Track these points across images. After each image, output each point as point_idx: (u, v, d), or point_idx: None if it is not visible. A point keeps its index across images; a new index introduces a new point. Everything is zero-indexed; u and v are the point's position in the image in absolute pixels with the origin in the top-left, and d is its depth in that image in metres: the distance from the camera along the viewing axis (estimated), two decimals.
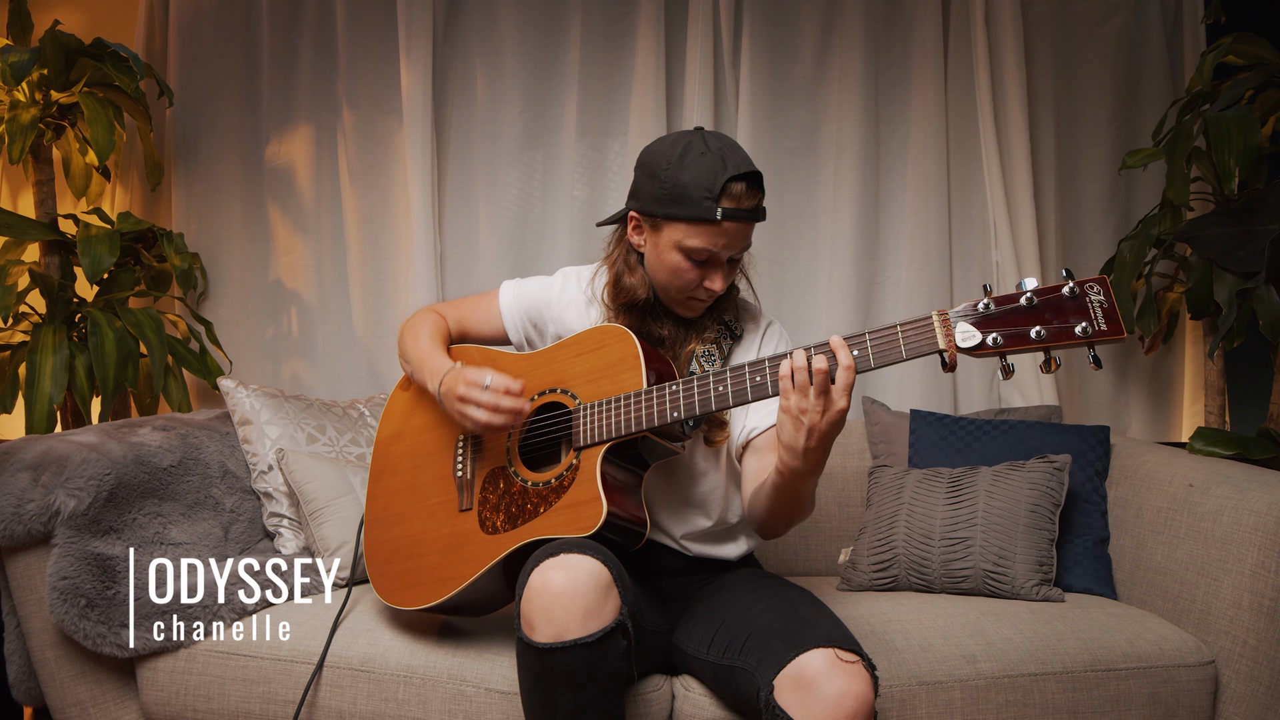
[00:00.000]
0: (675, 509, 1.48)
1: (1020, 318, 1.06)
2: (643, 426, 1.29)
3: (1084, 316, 1.04)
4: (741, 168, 1.33)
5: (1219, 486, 1.62)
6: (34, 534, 1.52)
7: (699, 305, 1.44)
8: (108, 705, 1.58)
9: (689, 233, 1.35)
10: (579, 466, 1.32)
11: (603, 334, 1.40)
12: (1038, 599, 1.71)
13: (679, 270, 1.39)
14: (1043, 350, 1.07)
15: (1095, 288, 1.04)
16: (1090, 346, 1.05)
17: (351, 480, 1.85)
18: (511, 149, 2.46)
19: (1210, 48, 2.15)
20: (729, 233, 1.34)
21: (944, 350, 1.09)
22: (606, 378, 1.36)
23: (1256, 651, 1.49)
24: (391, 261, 2.48)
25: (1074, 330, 1.04)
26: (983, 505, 1.79)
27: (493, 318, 1.61)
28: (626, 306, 1.47)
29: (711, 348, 1.46)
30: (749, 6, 2.42)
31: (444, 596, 1.38)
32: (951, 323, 1.09)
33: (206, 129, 2.50)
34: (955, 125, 2.45)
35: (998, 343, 1.07)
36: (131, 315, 2.15)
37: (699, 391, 1.26)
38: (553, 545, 1.20)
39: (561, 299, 1.56)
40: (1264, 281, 1.91)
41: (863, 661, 1.15)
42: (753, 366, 1.22)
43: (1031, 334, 1.05)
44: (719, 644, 1.31)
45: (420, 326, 1.57)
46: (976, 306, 1.09)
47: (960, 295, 2.46)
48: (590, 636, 1.12)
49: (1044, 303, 1.06)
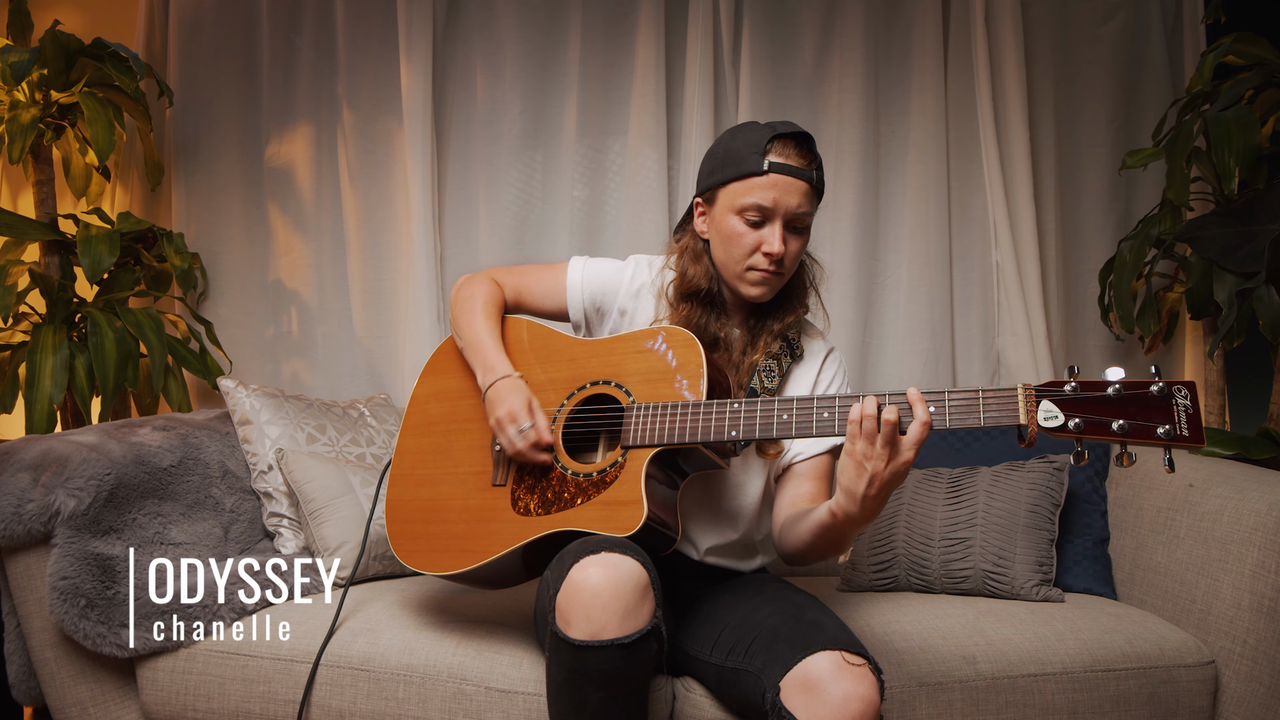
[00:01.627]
0: (705, 519, 1.46)
1: (1104, 407, 1.07)
2: (697, 439, 1.27)
3: (1168, 419, 1.04)
4: (790, 128, 1.38)
5: (1219, 486, 1.62)
6: (34, 534, 1.52)
7: (761, 278, 1.40)
8: (108, 705, 1.58)
9: (739, 191, 1.37)
10: (624, 465, 1.30)
11: (669, 335, 1.38)
12: (1037, 599, 1.71)
13: (735, 236, 1.38)
14: (1120, 443, 1.07)
15: (1183, 391, 1.04)
16: (1167, 449, 1.05)
17: (351, 480, 1.85)
18: (511, 149, 2.46)
19: (1210, 48, 2.15)
20: (779, 186, 1.34)
21: (1025, 425, 1.09)
22: (665, 381, 1.34)
23: (1256, 651, 1.49)
24: (391, 261, 2.48)
25: (1156, 431, 1.04)
26: (982, 505, 1.79)
27: (555, 293, 1.56)
28: (688, 295, 1.45)
29: (772, 363, 1.44)
30: (749, 6, 2.43)
31: (463, 568, 1.36)
32: (1036, 399, 1.09)
33: (206, 129, 2.50)
34: (955, 125, 2.45)
35: (1079, 428, 1.07)
36: (131, 315, 2.15)
37: (762, 415, 1.24)
38: (592, 541, 1.19)
39: (630, 288, 1.53)
40: (1264, 281, 1.91)
41: (869, 664, 1.14)
42: (822, 402, 1.21)
43: (1114, 426, 1.06)
44: (723, 646, 1.31)
45: (475, 300, 1.52)
46: (1063, 388, 1.09)
47: (960, 295, 2.47)
48: (627, 638, 1.11)
49: (1130, 397, 1.06)
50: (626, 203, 2.43)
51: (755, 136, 1.37)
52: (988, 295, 2.44)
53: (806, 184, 1.37)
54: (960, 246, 2.47)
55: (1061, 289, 2.45)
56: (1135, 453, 1.08)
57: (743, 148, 1.38)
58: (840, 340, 2.41)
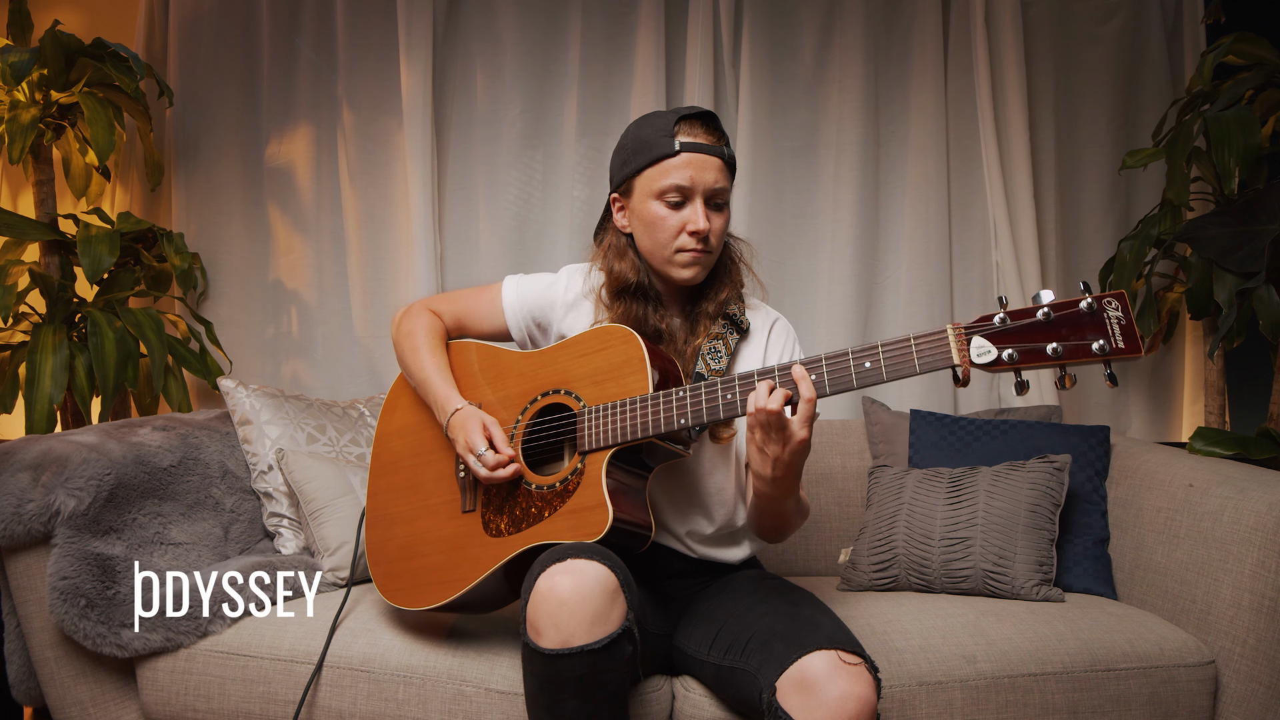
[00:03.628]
0: (681, 509, 1.47)
1: (1036, 333, 1.04)
2: (649, 432, 1.27)
3: (1101, 333, 1.01)
4: (694, 110, 1.40)
5: (1219, 486, 1.62)
6: (34, 534, 1.52)
7: (691, 258, 1.41)
8: (108, 705, 1.58)
9: (655, 175, 1.38)
10: (584, 471, 1.31)
11: (607, 334, 1.38)
12: (1038, 599, 1.71)
13: (658, 220, 1.39)
14: (1058, 366, 1.05)
15: (1114, 303, 1.02)
16: (1107, 364, 1.03)
17: (351, 480, 1.85)
18: (511, 149, 2.46)
19: (1210, 48, 2.15)
20: (693, 164, 1.36)
21: (958, 365, 1.07)
22: (611, 380, 1.35)
23: (1256, 651, 1.49)
24: (391, 261, 2.48)
25: (1091, 347, 1.01)
26: (983, 505, 1.79)
27: (494, 314, 1.58)
28: (620, 292, 1.46)
29: (717, 343, 1.45)
30: (749, 6, 2.43)
31: (447, 599, 1.37)
32: (966, 337, 1.07)
33: (206, 129, 2.50)
34: (955, 125, 2.45)
35: (1013, 359, 1.05)
36: (131, 315, 2.15)
37: (706, 399, 1.25)
38: (559, 550, 1.19)
39: (566, 297, 1.54)
40: (1264, 281, 1.91)
41: (865, 663, 1.14)
42: (762, 374, 1.21)
43: (1048, 350, 1.03)
44: (720, 645, 1.31)
45: (417, 334, 1.53)
46: (992, 320, 1.06)
47: (960, 295, 2.47)
48: (597, 643, 1.12)
49: (1061, 318, 1.03)
50: None
51: (662, 121, 1.39)
52: (988, 295, 2.44)
53: (719, 159, 1.39)
54: (960, 246, 2.47)
55: (1061, 289, 2.45)
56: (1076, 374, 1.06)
57: (651, 134, 1.39)
58: (840, 340, 2.41)
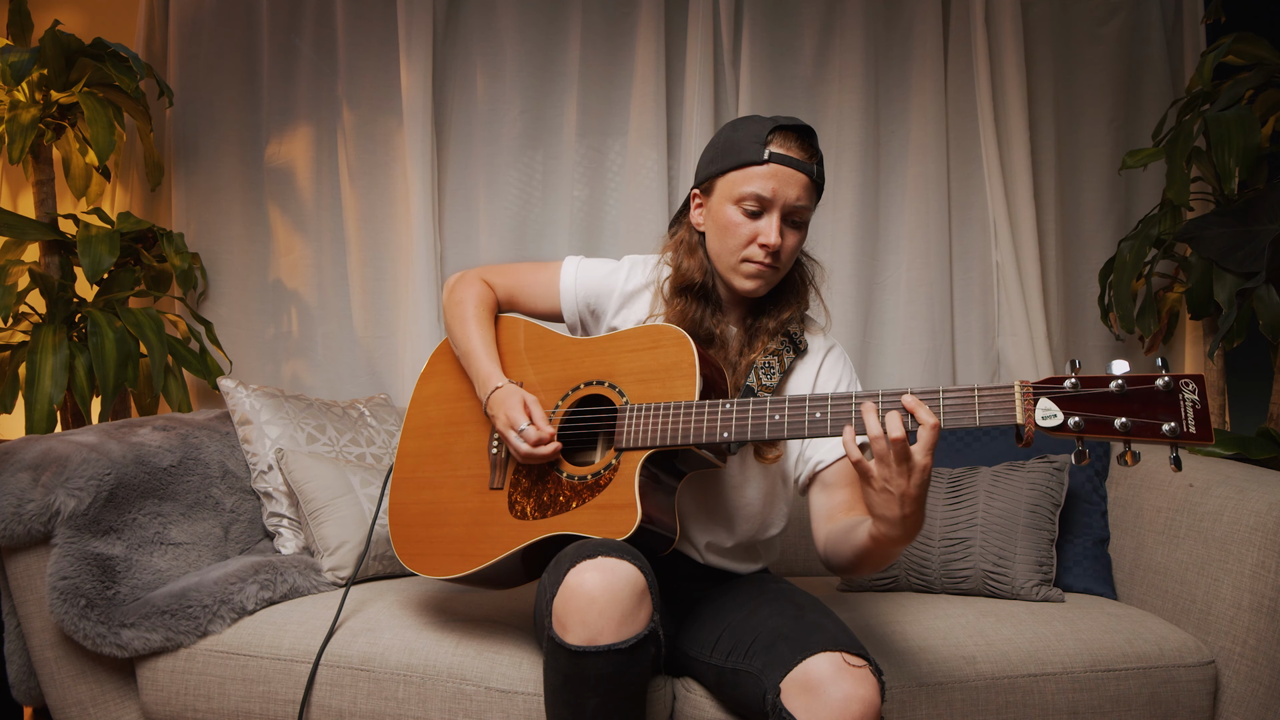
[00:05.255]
0: (704, 519, 1.45)
1: (1107, 405, 1.01)
2: (689, 440, 1.25)
3: (1174, 416, 0.98)
4: (794, 121, 1.37)
5: (1219, 486, 1.62)
6: (34, 534, 1.52)
7: (756, 271, 1.37)
8: (108, 705, 1.58)
9: (738, 180, 1.35)
10: (618, 468, 1.29)
11: (660, 334, 1.36)
12: (1037, 599, 1.71)
13: (731, 226, 1.36)
14: (1124, 442, 1.02)
15: (1191, 386, 0.98)
16: (1174, 447, 1.00)
17: (351, 480, 1.85)
18: (511, 149, 2.46)
19: (1210, 48, 2.15)
20: (778, 176, 1.33)
21: (1022, 425, 1.04)
22: (657, 380, 1.32)
23: (1256, 651, 1.49)
24: (391, 261, 2.48)
25: (1161, 428, 0.98)
26: (982, 506, 1.79)
27: (549, 294, 1.54)
28: (682, 289, 1.43)
29: (772, 359, 1.41)
30: (749, 6, 2.43)
31: (463, 572, 1.36)
32: (1034, 397, 1.04)
33: (206, 129, 2.50)
34: (955, 125, 2.45)
35: (1079, 427, 1.01)
36: (131, 315, 2.15)
37: (754, 416, 1.22)
38: (588, 545, 1.17)
39: (625, 287, 1.51)
40: (1264, 281, 1.91)
41: (869, 666, 1.14)
42: (814, 401, 1.17)
43: (1116, 424, 1.00)
44: (723, 647, 1.30)
45: (467, 305, 1.50)
46: (1063, 384, 1.03)
47: (960, 295, 2.47)
48: (625, 643, 1.11)
49: (1134, 393, 1.00)
50: (626, 203, 2.43)
51: (757, 127, 1.36)
52: (988, 295, 2.44)
53: (806, 177, 1.35)
54: (960, 246, 2.47)
55: (1061, 289, 2.45)
56: (1140, 451, 1.03)
57: (744, 138, 1.36)
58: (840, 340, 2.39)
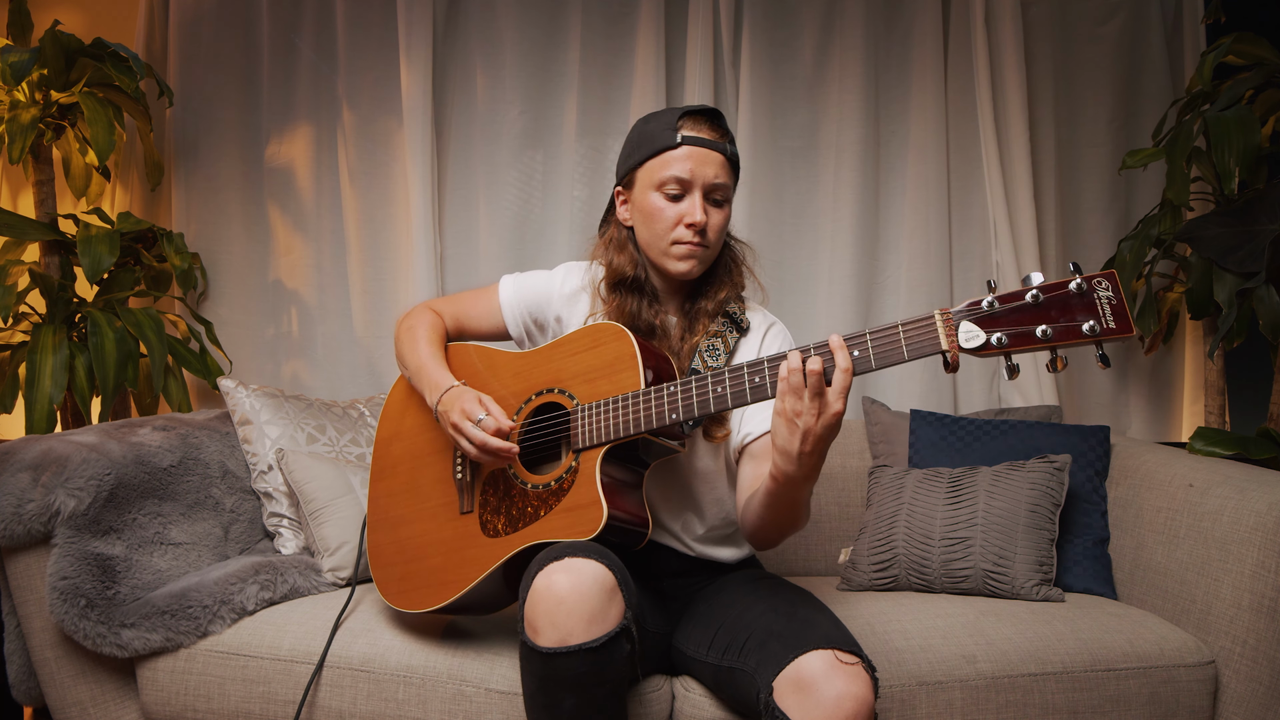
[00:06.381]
0: (677, 507, 1.47)
1: (1026, 316, 1.02)
2: (640, 428, 1.27)
3: (1092, 314, 0.99)
4: (700, 107, 1.43)
5: (1219, 486, 1.62)
6: (34, 534, 1.52)
7: (687, 251, 1.41)
8: (108, 705, 1.58)
9: (656, 167, 1.40)
10: (578, 469, 1.31)
11: (599, 332, 1.38)
12: (1038, 599, 1.71)
13: (656, 212, 1.41)
14: (1049, 349, 1.03)
15: (1104, 283, 1.00)
16: (1098, 345, 1.01)
17: (351, 480, 1.85)
18: (511, 149, 2.46)
19: (1210, 48, 2.15)
20: (694, 157, 1.38)
21: (946, 351, 1.05)
22: (604, 377, 1.35)
23: (1256, 651, 1.49)
24: (391, 261, 2.48)
25: (1081, 329, 0.99)
26: (983, 505, 1.79)
27: (492, 313, 1.59)
28: (616, 285, 1.46)
29: (716, 340, 1.44)
30: (749, 6, 2.43)
31: (447, 600, 1.38)
32: (954, 322, 1.05)
33: (206, 129, 2.50)
34: (955, 125, 2.45)
35: (1002, 342, 1.03)
36: (131, 315, 2.15)
37: (697, 393, 1.23)
38: (556, 548, 1.19)
39: (563, 290, 1.55)
40: (1264, 281, 1.91)
41: (862, 663, 1.14)
42: (751, 367, 1.19)
43: (1038, 333, 1.01)
44: (719, 645, 1.31)
45: (417, 329, 1.55)
46: (980, 304, 1.05)
47: (960, 295, 2.46)
48: (595, 641, 1.12)
49: (1050, 300, 1.01)
50: None
51: (668, 116, 1.42)
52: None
53: (721, 155, 1.40)
54: (960, 246, 2.47)
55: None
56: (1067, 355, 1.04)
57: (656, 128, 1.42)
58: None
